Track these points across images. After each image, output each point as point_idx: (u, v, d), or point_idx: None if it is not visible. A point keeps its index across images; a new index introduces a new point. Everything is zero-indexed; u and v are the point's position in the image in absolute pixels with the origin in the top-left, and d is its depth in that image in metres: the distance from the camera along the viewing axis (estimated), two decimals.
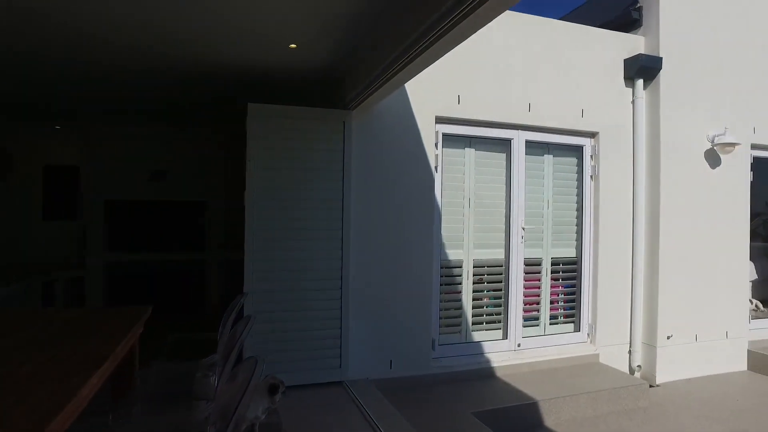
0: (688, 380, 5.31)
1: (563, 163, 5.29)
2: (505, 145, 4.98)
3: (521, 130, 4.97)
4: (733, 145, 5.38)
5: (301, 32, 3.11)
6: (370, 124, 4.32)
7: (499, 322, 5.01)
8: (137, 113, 6.06)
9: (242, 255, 3.89)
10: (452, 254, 4.80)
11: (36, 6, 2.71)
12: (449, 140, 4.75)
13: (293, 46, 3.29)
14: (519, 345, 4.97)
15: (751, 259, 5.99)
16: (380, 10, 2.77)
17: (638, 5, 5.35)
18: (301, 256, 4.01)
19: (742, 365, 5.78)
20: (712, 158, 5.53)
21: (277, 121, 3.97)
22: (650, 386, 4.89)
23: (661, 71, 5.19)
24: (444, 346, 4.70)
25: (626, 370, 5.33)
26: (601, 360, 5.16)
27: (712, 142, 5.44)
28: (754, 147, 5.88)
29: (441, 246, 4.73)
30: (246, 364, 1.60)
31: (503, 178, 5.01)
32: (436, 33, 2.41)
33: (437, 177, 4.64)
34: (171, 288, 6.89)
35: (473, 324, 4.89)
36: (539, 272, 5.18)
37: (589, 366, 5.00)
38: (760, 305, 6.75)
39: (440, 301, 4.72)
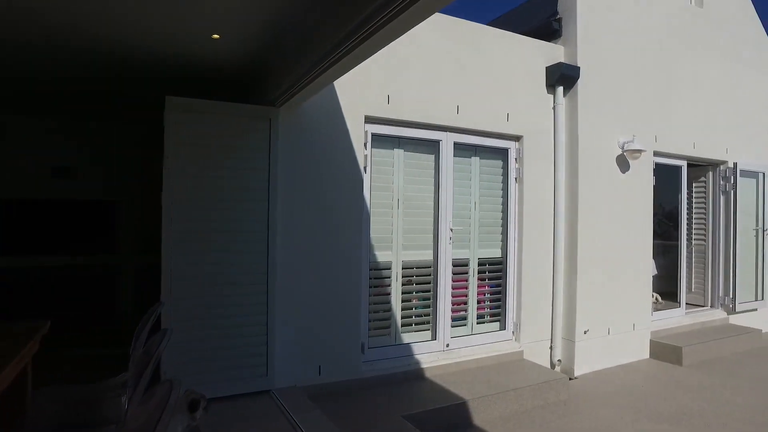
0: (602, 371, 5.64)
1: (489, 165, 5.41)
2: (433, 146, 5.01)
3: (450, 132, 5.02)
4: (640, 151, 5.78)
5: (224, 22, 2.90)
6: (298, 122, 4.16)
7: (428, 323, 5.03)
8: (39, 102, 5.45)
9: (160, 259, 3.60)
10: (381, 256, 4.75)
11: None
12: (378, 140, 4.70)
13: (216, 36, 3.08)
14: (448, 345, 5.02)
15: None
16: (310, 3, 2.64)
17: (558, 17, 5.61)
18: (224, 260, 3.78)
19: (645, 354, 6.24)
20: (623, 163, 5.91)
21: (197, 116, 3.70)
22: (570, 379, 5.13)
23: (579, 80, 5.46)
24: (374, 349, 4.64)
25: (548, 364, 5.56)
26: (525, 356, 5.34)
27: (623, 148, 5.82)
28: (656, 154, 6.37)
29: (370, 248, 4.66)
30: (161, 387, 1.42)
31: (432, 179, 5.04)
32: (368, 30, 2.33)
33: (366, 177, 4.57)
34: (76, 297, 6.28)
35: (403, 326, 4.87)
36: (467, 273, 5.26)
37: (515, 363, 5.15)
38: (659, 298, 7.35)
39: (369, 304, 4.66)
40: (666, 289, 7.66)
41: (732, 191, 7.24)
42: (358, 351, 4.45)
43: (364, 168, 4.54)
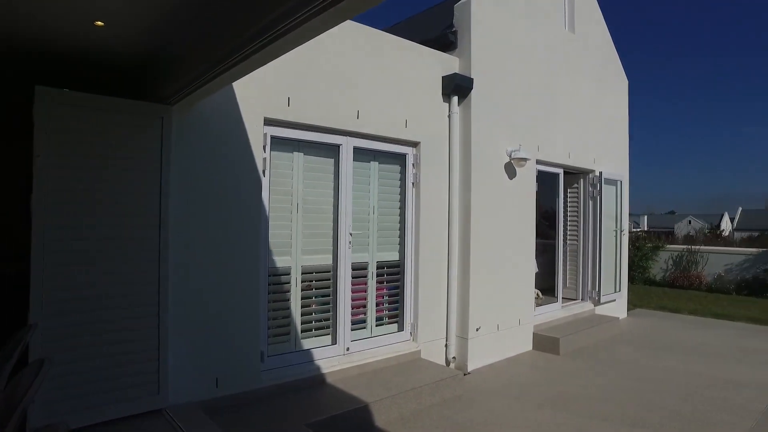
0: (492, 365, 6.02)
1: (388, 170, 5.51)
2: (333, 150, 4.99)
3: (350, 136, 5.03)
4: (525, 159, 6.26)
5: (109, 7, 2.62)
6: (193, 122, 3.90)
7: (328, 327, 5.00)
8: None
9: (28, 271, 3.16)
10: (280, 261, 4.63)
11: None
12: (278, 143, 4.57)
13: (100, 23, 2.76)
14: (348, 349, 5.02)
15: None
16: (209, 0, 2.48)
17: (454, 29, 5.88)
18: (108, 270, 3.42)
19: (529, 346, 6.77)
20: (510, 170, 6.35)
21: (76, 111, 3.31)
22: (464, 374, 5.40)
23: (472, 91, 5.77)
24: (273, 357, 4.50)
25: (443, 362, 5.80)
26: (423, 355, 5.52)
27: (510, 156, 6.26)
28: (538, 162, 6.94)
29: (269, 253, 4.52)
30: None
31: (332, 183, 5.01)
32: (278, 31, 2.25)
33: (265, 181, 4.43)
34: None
35: (303, 331, 4.79)
36: (366, 276, 5.31)
37: (413, 362, 5.30)
38: (540, 294, 8.02)
39: (269, 311, 4.52)
40: (545, 285, 8.38)
41: (598, 197, 8.12)
42: (257, 360, 4.29)
43: (263, 171, 4.39)
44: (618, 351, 6.83)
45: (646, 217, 68.52)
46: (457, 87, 5.67)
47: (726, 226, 59.32)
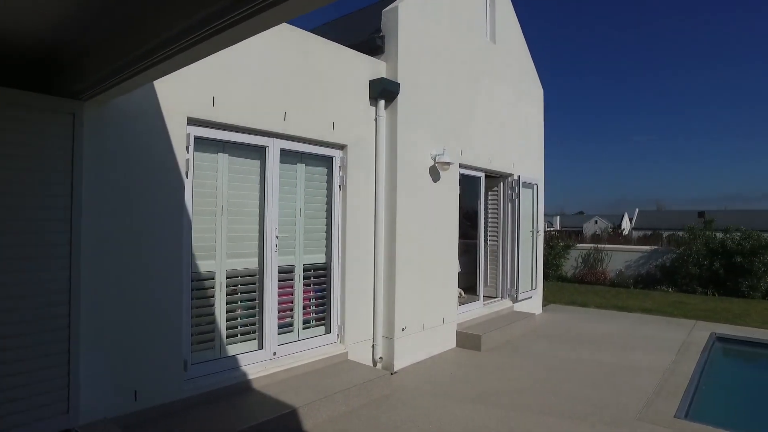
0: (418, 363, 6.17)
1: (315, 172, 5.49)
2: (260, 152, 4.90)
3: (277, 138, 4.96)
4: (449, 164, 6.48)
5: None
6: (110, 120, 3.67)
7: (255, 332, 4.89)
8: None
9: None
10: (204, 265, 4.48)
11: None
12: (202, 144, 4.42)
13: None
14: (275, 353, 4.95)
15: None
16: None
17: (381, 34, 5.96)
18: (10, 281, 3.14)
19: (453, 344, 7.02)
20: (434, 173, 6.55)
21: None
22: (391, 374, 5.50)
23: (398, 95, 5.89)
24: (197, 365, 4.34)
25: (371, 363, 5.87)
26: (350, 357, 5.56)
27: (434, 160, 6.45)
28: (461, 166, 7.21)
29: (191, 257, 4.35)
30: None
31: (258, 185, 4.92)
32: (208, 31, 2.18)
33: (188, 183, 4.26)
34: None
35: (228, 337, 4.65)
36: (292, 279, 5.26)
37: (341, 364, 5.32)
38: (463, 293, 8.33)
39: (192, 317, 4.35)
40: (468, 284, 8.72)
41: (517, 199, 8.58)
42: (179, 369, 4.12)
43: (186, 173, 4.22)
44: (535, 345, 7.26)
45: (558, 217, 73.10)
46: (383, 91, 5.76)
47: (626, 225, 64.71)
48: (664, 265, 13.86)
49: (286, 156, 5.12)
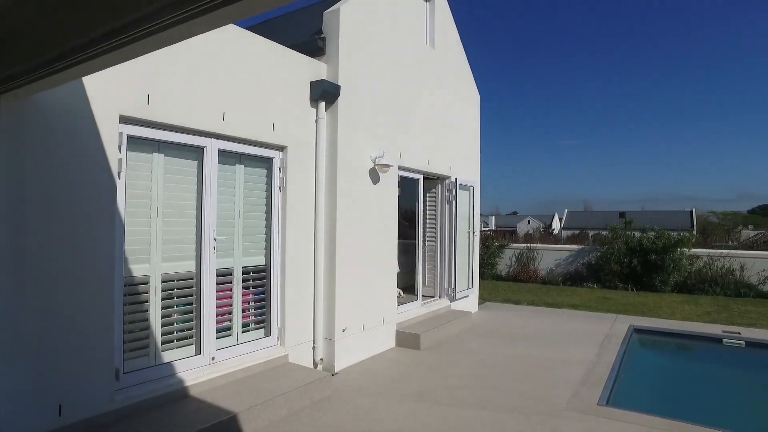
0: (358, 364, 6.23)
1: (254, 173, 5.42)
2: (197, 152, 4.77)
3: (215, 138, 4.85)
4: (388, 166, 6.59)
5: None
6: (31, 116, 3.45)
7: (192, 337, 4.76)
8: None
9: None
10: (138, 269, 4.31)
11: None
12: (136, 143, 4.25)
13: None
14: (213, 358, 4.84)
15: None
16: None
17: (322, 35, 5.97)
18: None
19: (392, 343, 7.13)
20: (374, 176, 6.64)
21: None
22: (332, 375, 5.53)
23: (339, 97, 5.92)
24: (130, 374, 4.17)
25: (311, 365, 5.86)
26: (291, 359, 5.53)
27: (374, 162, 6.54)
28: (401, 168, 7.35)
29: (124, 261, 4.17)
30: None
31: (195, 186, 4.79)
32: (142, 31, 2.12)
33: (120, 184, 4.08)
34: None
35: (163, 343, 4.50)
36: (231, 282, 5.16)
37: (281, 367, 5.28)
38: (402, 293, 8.48)
39: (125, 324, 4.17)
40: (407, 284, 8.89)
41: (454, 201, 8.83)
42: (111, 379, 3.94)
43: (118, 173, 4.05)
44: (471, 342, 7.52)
45: (493, 217, 75.76)
46: (324, 93, 5.77)
47: (556, 225, 68.01)
48: (590, 263, 14.72)
49: (225, 157, 5.02)
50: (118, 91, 3.95)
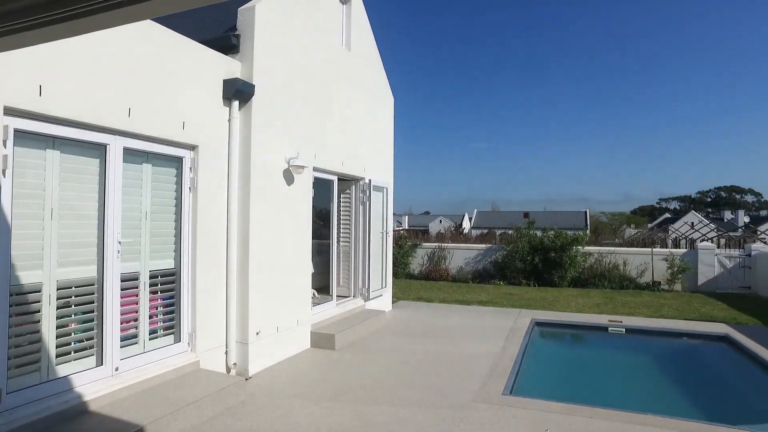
0: (273, 366, 6.16)
1: (163, 173, 5.18)
2: (99, 150, 4.47)
3: (119, 135, 4.57)
4: (302, 167, 6.57)
5: None
6: None
7: (93, 348, 4.45)
8: None
9: None
10: (28, 276, 3.95)
11: None
12: (26, 138, 3.90)
13: None
14: (117, 369, 4.55)
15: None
16: None
17: (236, 32, 5.82)
18: None
19: (307, 344, 7.12)
20: (288, 176, 6.58)
21: None
22: (246, 379, 5.41)
23: (253, 97, 5.81)
24: (17, 393, 3.80)
25: (224, 370, 5.70)
26: (202, 365, 5.34)
27: (289, 163, 6.49)
28: (315, 169, 7.35)
29: (10, 268, 3.81)
30: None
31: (97, 186, 4.49)
32: (31, 21, 1.97)
33: (6, 182, 3.73)
34: None
35: (58, 356, 4.16)
36: (137, 287, 4.89)
37: (192, 374, 5.08)
38: (316, 293, 8.48)
39: (10, 337, 3.80)
40: (321, 284, 8.89)
41: (368, 202, 8.98)
42: None
43: (3, 171, 3.70)
44: (386, 341, 7.69)
45: (407, 217, 77.49)
46: (238, 92, 5.64)
47: (466, 224, 71.03)
48: (496, 261, 15.60)
49: (131, 155, 4.75)
50: (4, 81, 3.60)
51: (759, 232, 18.97)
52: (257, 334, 5.97)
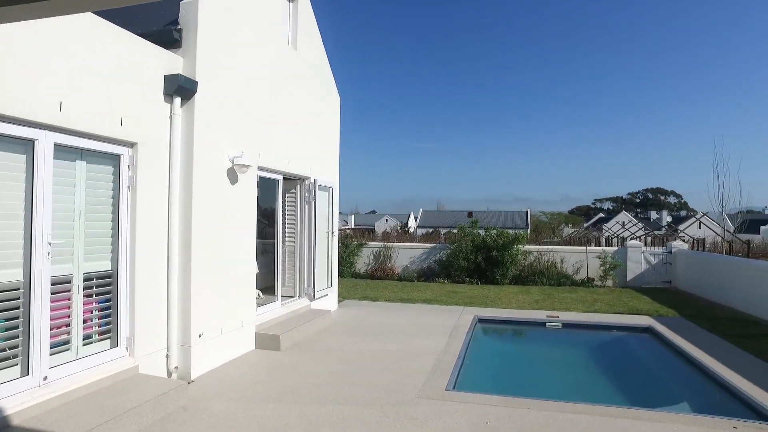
0: (216, 369, 6.04)
1: (99, 171, 4.95)
2: (26, 145, 4.23)
3: (50, 130, 4.34)
4: (247, 166, 6.47)
5: None
6: None
7: (18, 356, 4.19)
8: None
9: None
10: None
11: None
12: None
13: None
14: (46, 378, 4.31)
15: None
16: None
17: (179, 27, 5.64)
18: None
19: (252, 346, 7.02)
20: (232, 176, 6.46)
21: None
22: (188, 383, 5.27)
23: (196, 93, 5.66)
24: None
25: (165, 374, 5.53)
26: (142, 370, 5.15)
27: (233, 162, 6.37)
28: (260, 168, 7.25)
29: None
30: None
31: (23, 184, 4.23)
32: None
33: None
34: None
35: None
36: (70, 290, 4.66)
37: (130, 380, 4.90)
38: (261, 294, 8.37)
39: None
40: (266, 284, 8.79)
41: (313, 201, 8.94)
42: None
43: None
44: (331, 340, 7.70)
45: (353, 216, 77.54)
46: (180, 88, 5.48)
47: (412, 224, 71.91)
48: (441, 260, 15.92)
49: (63, 151, 4.52)
50: None
51: (679, 231, 20.42)
52: (200, 336, 5.83)
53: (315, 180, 8.95)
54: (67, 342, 4.61)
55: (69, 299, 4.65)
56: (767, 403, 5.10)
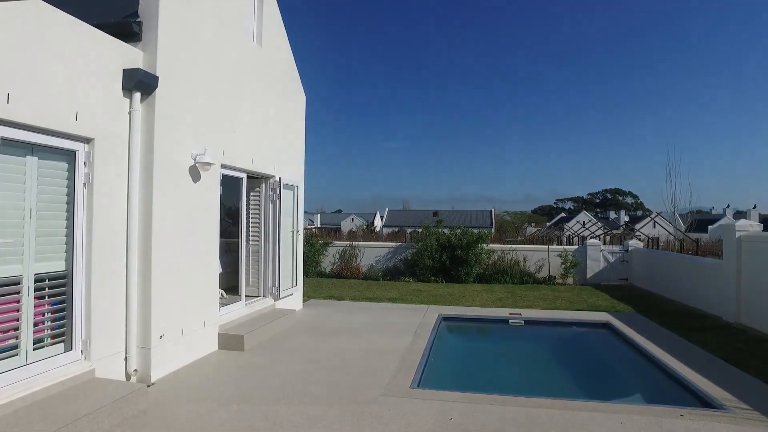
0: (178, 371, 5.90)
1: (52, 167, 4.76)
2: None
3: None
4: (210, 164, 6.34)
5: None
6: None
7: None
8: None
9: None
10: None
11: None
12: None
13: None
14: None
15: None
16: None
17: (139, 19, 5.47)
18: None
19: (215, 346, 6.90)
20: (195, 173, 6.32)
21: None
22: (148, 386, 5.13)
23: (157, 89, 5.51)
24: None
25: (124, 377, 5.36)
26: (98, 374, 4.98)
27: (195, 159, 6.23)
28: (223, 166, 7.12)
29: None
30: None
31: None
32: None
33: None
34: None
35: None
36: (19, 292, 4.45)
37: (86, 384, 4.72)
38: (224, 294, 8.23)
39: None
40: (230, 284, 8.64)
41: (278, 200, 8.84)
42: None
43: None
44: (295, 340, 7.64)
45: (319, 215, 77.09)
46: (140, 83, 5.32)
47: (378, 223, 72.04)
48: (407, 259, 16.00)
49: (11, 146, 4.32)
50: None
51: (636, 230, 21.21)
52: (160, 337, 5.68)
53: (280, 178, 8.85)
54: (15, 347, 4.40)
55: (18, 301, 4.44)
56: (711, 392, 5.36)
